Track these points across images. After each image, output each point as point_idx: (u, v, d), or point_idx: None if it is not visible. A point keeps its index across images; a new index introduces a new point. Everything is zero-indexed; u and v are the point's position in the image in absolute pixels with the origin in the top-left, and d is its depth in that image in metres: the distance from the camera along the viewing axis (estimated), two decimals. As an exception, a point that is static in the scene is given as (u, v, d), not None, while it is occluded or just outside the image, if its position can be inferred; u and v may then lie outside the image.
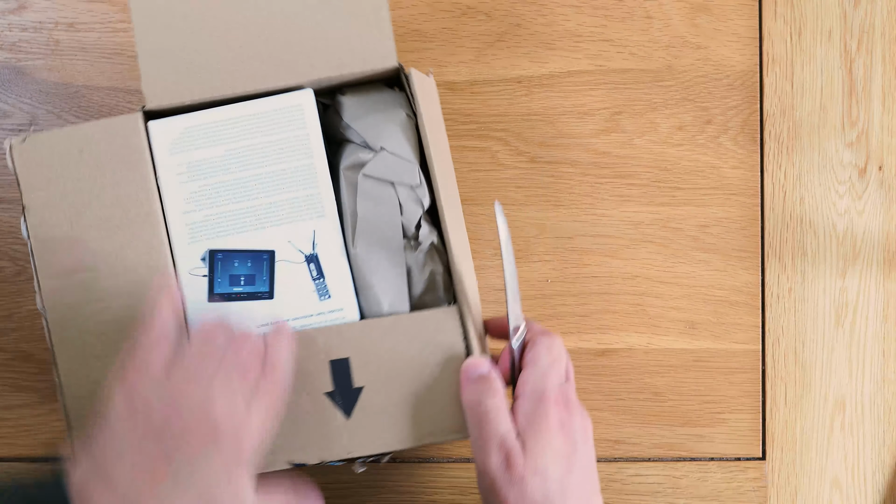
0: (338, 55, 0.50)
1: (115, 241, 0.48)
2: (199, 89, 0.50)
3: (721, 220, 0.63)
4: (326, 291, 0.50)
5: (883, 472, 0.64)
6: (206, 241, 0.50)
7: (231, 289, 0.50)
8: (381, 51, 0.50)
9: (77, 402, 0.48)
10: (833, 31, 0.64)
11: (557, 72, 0.63)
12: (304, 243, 0.50)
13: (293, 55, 0.50)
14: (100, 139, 0.49)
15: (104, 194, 0.49)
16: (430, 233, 0.51)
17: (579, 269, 0.63)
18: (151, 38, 0.50)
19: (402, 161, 0.51)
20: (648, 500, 0.63)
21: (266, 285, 0.50)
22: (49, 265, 0.48)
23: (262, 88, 0.50)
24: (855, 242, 0.64)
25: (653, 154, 0.63)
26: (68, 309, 0.48)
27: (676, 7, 0.63)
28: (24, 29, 0.62)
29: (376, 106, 0.52)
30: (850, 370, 0.63)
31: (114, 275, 0.48)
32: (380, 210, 0.51)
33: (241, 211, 0.50)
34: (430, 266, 0.51)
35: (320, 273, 0.50)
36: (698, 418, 0.63)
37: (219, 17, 0.50)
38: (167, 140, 0.50)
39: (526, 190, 0.63)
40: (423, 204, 0.51)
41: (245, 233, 0.50)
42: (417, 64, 0.63)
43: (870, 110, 0.64)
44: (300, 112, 0.50)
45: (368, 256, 0.50)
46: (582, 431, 0.46)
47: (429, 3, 0.63)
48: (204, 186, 0.50)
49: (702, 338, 0.63)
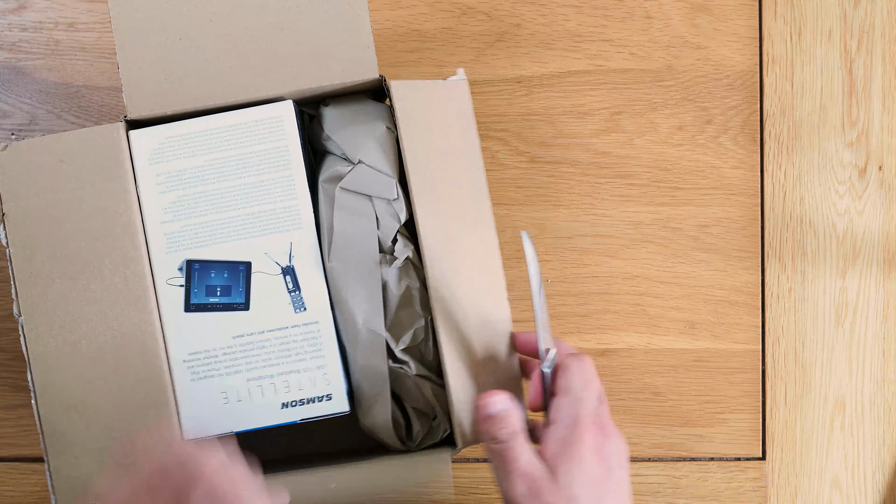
0: (319, 66, 0.50)
1: (94, 252, 0.48)
2: (181, 100, 0.50)
3: (721, 220, 0.63)
4: (302, 304, 0.50)
5: (883, 472, 0.64)
6: (184, 251, 0.50)
7: (207, 299, 0.50)
8: (362, 62, 0.50)
9: (50, 409, 0.48)
10: (833, 31, 0.64)
11: (557, 72, 0.63)
12: (281, 255, 0.50)
13: (275, 66, 0.50)
14: (81, 149, 0.49)
15: (84, 205, 0.49)
16: (406, 247, 0.51)
17: (579, 269, 0.63)
18: (133, 48, 0.50)
19: (379, 175, 0.50)
20: (648, 500, 0.63)
21: (242, 297, 0.50)
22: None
23: (244, 99, 0.50)
24: (855, 242, 0.64)
25: (653, 154, 0.63)
26: (44, 316, 0.49)
27: (676, 7, 0.63)
28: (24, 29, 0.62)
29: (357, 118, 0.52)
30: (850, 370, 0.63)
31: (91, 285, 0.48)
32: (356, 224, 0.50)
33: (219, 222, 0.50)
34: (406, 281, 0.51)
35: (296, 285, 0.50)
36: (698, 418, 0.63)
37: (201, 27, 0.50)
38: (147, 150, 0.50)
39: (526, 190, 0.63)
40: (399, 218, 0.51)
41: (222, 244, 0.50)
42: (417, 64, 0.63)
43: (870, 110, 0.64)
44: (280, 123, 0.50)
45: (344, 271, 0.50)
46: (617, 455, 0.45)
47: (429, 3, 0.63)
48: (183, 197, 0.50)
49: (702, 338, 0.63)
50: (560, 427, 0.45)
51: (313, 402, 0.50)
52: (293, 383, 0.50)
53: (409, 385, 0.51)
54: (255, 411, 0.50)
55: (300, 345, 0.50)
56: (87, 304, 0.48)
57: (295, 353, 0.50)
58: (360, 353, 0.51)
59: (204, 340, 0.50)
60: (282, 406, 0.50)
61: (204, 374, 0.50)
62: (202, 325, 0.50)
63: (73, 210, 0.49)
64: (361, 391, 0.51)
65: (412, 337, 0.51)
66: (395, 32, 0.63)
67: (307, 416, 0.51)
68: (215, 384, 0.50)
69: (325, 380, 0.50)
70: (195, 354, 0.50)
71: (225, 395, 0.50)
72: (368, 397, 0.51)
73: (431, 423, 0.53)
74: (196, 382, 0.50)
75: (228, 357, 0.50)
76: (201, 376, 0.50)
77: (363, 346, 0.51)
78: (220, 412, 0.50)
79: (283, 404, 0.50)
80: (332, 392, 0.50)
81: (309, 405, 0.50)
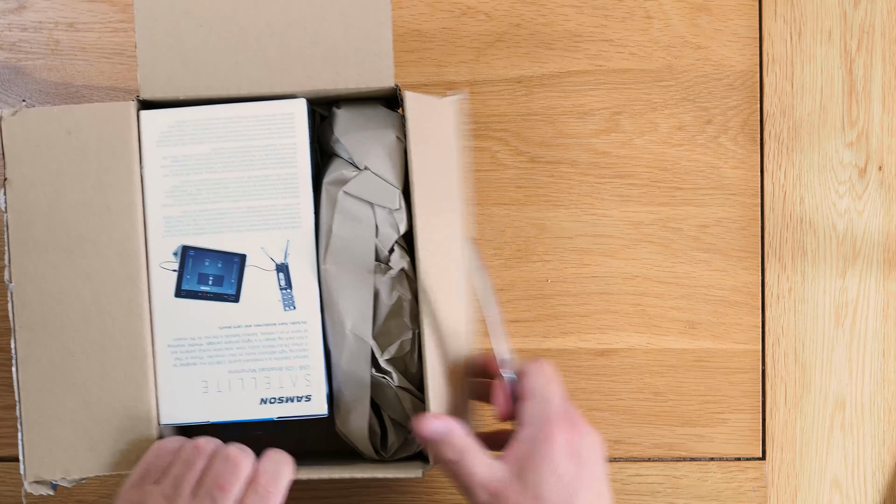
0: (336, 69, 0.50)
1: (91, 226, 0.49)
2: (195, 86, 0.50)
3: (721, 220, 0.63)
4: (292, 303, 0.50)
5: (883, 472, 0.64)
6: (181, 237, 0.50)
7: (198, 287, 0.50)
8: (379, 69, 0.50)
9: (30, 378, 0.48)
10: (833, 31, 0.64)
11: (557, 72, 0.63)
12: (277, 252, 0.50)
13: (292, 63, 0.50)
14: (90, 123, 0.49)
15: (87, 179, 0.49)
16: (402, 258, 0.51)
17: (579, 269, 0.63)
18: (152, 30, 0.50)
19: (384, 183, 0.50)
20: (648, 500, 0.63)
21: (233, 288, 0.50)
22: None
23: (258, 92, 0.50)
24: (855, 242, 0.64)
25: (653, 154, 0.63)
26: (34, 285, 0.49)
27: (676, 7, 0.63)
28: (24, 29, 0.62)
29: (368, 124, 0.51)
30: (850, 370, 0.63)
31: (85, 259, 0.49)
32: (355, 229, 0.50)
33: (219, 211, 0.50)
34: (399, 291, 0.51)
35: (288, 283, 0.50)
36: (698, 418, 0.63)
37: (223, 16, 0.50)
38: (156, 131, 0.50)
39: (526, 190, 0.63)
40: (399, 229, 0.51)
41: (220, 233, 0.50)
42: (417, 64, 0.63)
43: (870, 110, 0.64)
44: (290, 120, 0.50)
45: (337, 274, 0.50)
46: (589, 450, 0.45)
47: (429, 3, 0.63)
48: (186, 182, 0.50)
49: (702, 338, 0.63)
50: (530, 428, 0.45)
51: (292, 401, 0.50)
52: (274, 380, 0.50)
53: (390, 395, 0.51)
54: (233, 403, 0.50)
55: (286, 343, 0.50)
56: (79, 278, 0.49)
57: (279, 350, 0.50)
58: (345, 358, 0.50)
59: (190, 327, 0.50)
60: (260, 401, 0.50)
61: (187, 361, 0.50)
62: (190, 312, 0.50)
63: (75, 183, 0.49)
64: (341, 396, 0.51)
65: (398, 348, 0.51)
66: (395, 32, 0.62)
67: (284, 414, 0.50)
68: (197, 372, 0.50)
69: (306, 381, 0.50)
70: (180, 340, 0.50)
71: (205, 383, 0.50)
72: (348, 403, 0.51)
73: (407, 436, 0.53)
74: (178, 368, 0.50)
75: (213, 347, 0.50)
76: (184, 363, 0.50)
77: (349, 351, 0.50)
78: (198, 400, 0.50)
79: (262, 400, 0.50)
80: (313, 394, 0.50)
81: (287, 404, 0.50)
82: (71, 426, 0.48)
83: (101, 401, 0.49)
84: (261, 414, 0.50)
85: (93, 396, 0.49)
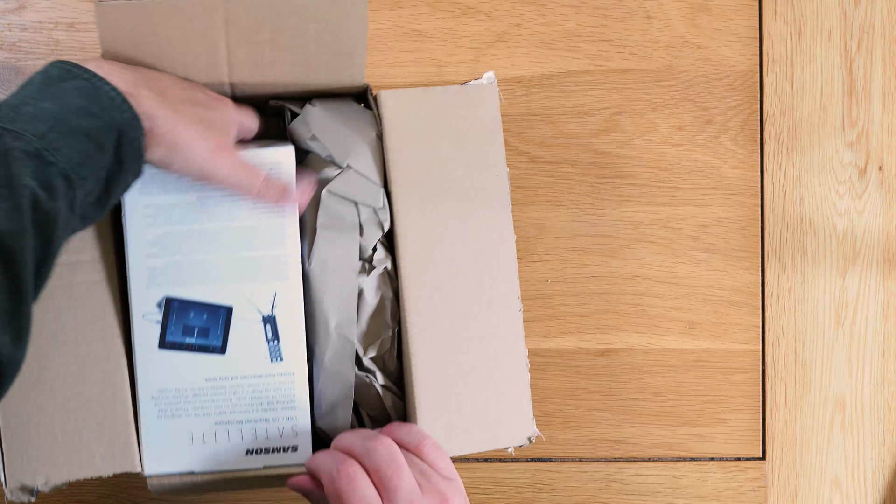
0: (308, 63, 0.48)
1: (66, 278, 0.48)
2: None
3: (721, 220, 0.63)
4: (279, 354, 0.50)
5: (883, 472, 0.64)
6: (165, 288, 0.49)
7: (183, 339, 0.49)
8: (350, 66, 0.49)
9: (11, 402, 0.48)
10: (833, 31, 0.64)
11: (557, 72, 0.63)
12: (264, 304, 0.49)
13: (262, 53, 0.48)
14: None
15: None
16: (385, 258, 0.51)
17: (579, 269, 0.63)
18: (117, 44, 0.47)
19: (367, 182, 0.50)
20: (648, 500, 0.63)
21: (219, 340, 0.49)
22: None
23: (227, 80, 0.48)
24: (855, 242, 0.64)
25: (653, 154, 0.63)
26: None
27: (676, 7, 0.63)
28: (24, 29, 0.62)
29: (347, 121, 0.51)
30: (850, 370, 0.63)
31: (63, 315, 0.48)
32: (340, 228, 0.50)
33: (204, 262, 0.49)
34: (382, 290, 0.51)
35: (275, 335, 0.50)
36: (698, 418, 0.63)
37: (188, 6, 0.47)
38: (139, 179, 0.48)
39: (526, 190, 0.63)
40: (383, 227, 0.50)
41: (206, 285, 0.49)
42: (417, 64, 0.63)
43: (870, 110, 0.64)
44: (278, 169, 0.49)
45: (322, 274, 0.50)
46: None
47: (429, 3, 0.63)
48: (170, 232, 0.49)
49: (702, 338, 0.63)
50: None
51: (279, 451, 0.50)
52: (260, 431, 0.50)
53: (373, 394, 0.51)
54: (219, 454, 0.49)
55: (272, 394, 0.50)
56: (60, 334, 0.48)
57: (266, 402, 0.50)
58: (329, 357, 0.50)
59: (175, 379, 0.49)
60: (246, 452, 0.50)
61: (171, 413, 0.49)
62: (175, 364, 0.49)
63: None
64: (323, 394, 0.51)
65: (379, 346, 0.51)
66: (395, 32, 0.63)
67: (270, 464, 0.50)
68: (182, 424, 0.49)
69: (292, 431, 0.50)
70: (164, 392, 0.49)
71: (190, 435, 0.49)
72: (330, 401, 0.51)
73: None
74: (161, 420, 0.49)
75: (199, 398, 0.49)
76: (168, 415, 0.49)
77: (332, 350, 0.50)
78: (183, 451, 0.49)
79: (248, 451, 0.50)
80: (299, 444, 0.50)
81: (274, 454, 0.50)
82: (49, 454, 0.47)
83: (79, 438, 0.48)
84: (247, 464, 0.50)
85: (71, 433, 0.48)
